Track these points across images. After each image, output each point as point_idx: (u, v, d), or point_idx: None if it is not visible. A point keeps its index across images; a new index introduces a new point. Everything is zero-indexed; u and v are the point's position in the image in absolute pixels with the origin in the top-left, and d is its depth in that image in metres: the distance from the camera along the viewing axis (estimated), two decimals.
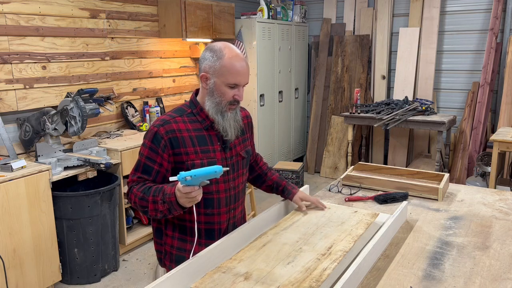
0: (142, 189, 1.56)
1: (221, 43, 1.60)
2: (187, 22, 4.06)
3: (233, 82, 1.57)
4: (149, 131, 1.61)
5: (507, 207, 1.96)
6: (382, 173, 2.41)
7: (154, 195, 1.51)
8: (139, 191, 1.56)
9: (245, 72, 1.59)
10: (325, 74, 5.56)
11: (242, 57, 1.59)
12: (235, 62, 1.56)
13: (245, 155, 1.76)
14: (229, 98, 1.60)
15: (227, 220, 1.70)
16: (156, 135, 1.58)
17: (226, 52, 1.57)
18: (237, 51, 1.60)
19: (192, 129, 1.62)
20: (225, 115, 1.62)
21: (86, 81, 3.58)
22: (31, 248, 2.70)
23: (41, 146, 2.93)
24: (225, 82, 1.57)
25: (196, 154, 1.60)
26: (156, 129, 1.59)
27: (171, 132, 1.59)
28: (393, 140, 5.18)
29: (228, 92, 1.59)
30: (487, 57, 4.51)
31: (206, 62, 1.59)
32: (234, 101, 1.61)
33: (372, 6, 5.26)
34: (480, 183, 4.06)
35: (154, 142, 1.58)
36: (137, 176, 1.60)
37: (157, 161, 1.58)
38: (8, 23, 3.02)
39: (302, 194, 1.84)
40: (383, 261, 1.48)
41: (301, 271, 1.35)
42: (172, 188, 1.46)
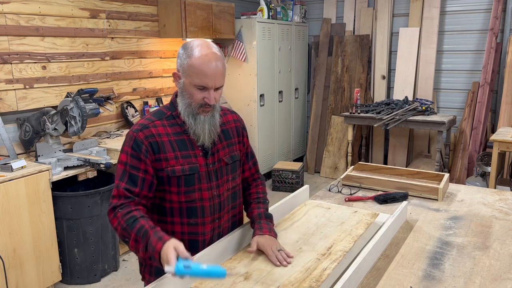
0: (126, 218, 1.39)
1: (197, 40, 1.48)
2: (187, 22, 4.06)
3: (200, 84, 1.43)
4: (128, 136, 1.49)
5: (507, 207, 1.96)
6: (382, 173, 2.41)
7: (137, 234, 1.35)
8: (123, 219, 1.39)
9: (214, 74, 1.43)
10: (325, 74, 5.56)
11: (215, 56, 1.44)
12: (204, 62, 1.42)
13: (229, 161, 1.59)
14: (199, 101, 1.46)
15: (211, 231, 1.55)
16: (136, 141, 1.46)
17: (197, 51, 1.43)
18: (212, 49, 1.45)
19: (172, 133, 1.50)
20: (198, 118, 1.48)
21: (86, 81, 3.58)
22: (31, 248, 2.70)
23: (41, 146, 2.93)
24: (192, 83, 1.44)
25: (177, 159, 1.48)
26: (135, 134, 1.47)
27: (151, 137, 1.47)
28: (393, 140, 5.18)
29: (196, 94, 1.46)
30: (487, 57, 4.51)
31: (178, 60, 1.49)
32: (205, 104, 1.47)
33: (372, 6, 5.26)
34: (480, 183, 4.06)
35: (135, 149, 1.46)
36: (122, 187, 1.43)
37: (141, 168, 1.45)
38: (8, 23, 3.02)
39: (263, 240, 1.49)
40: (383, 261, 1.48)
41: (301, 271, 1.35)
42: (158, 243, 1.29)
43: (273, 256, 1.43)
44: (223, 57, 1.48)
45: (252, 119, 4.88)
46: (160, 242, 1.29)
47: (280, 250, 1.45)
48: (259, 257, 1.44)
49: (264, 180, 1.79)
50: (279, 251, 1.44)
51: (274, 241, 1.49)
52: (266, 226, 1.55)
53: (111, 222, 1.43)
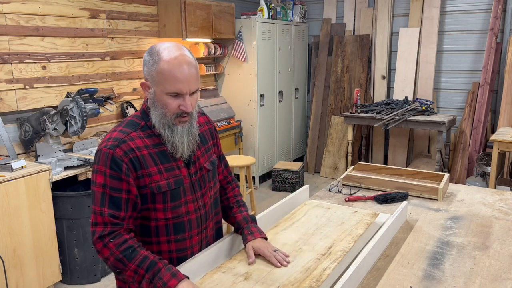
0: (122, 249, 1.26)
1: (163, 44, 1.33)
2: (187, 22, 4.06)
3: (173, 90, 1.29)
4: (102, 154, 1.31)
5: (507, 207, 1.96)
6: (382, 173, 2.41)
7: (139, 266, 1.24)
8: (118, 250, 1.26)
9: (188, 78, 1.30)
10: (325, 74, 5.56)
11: (186, 59, 1.31)
12: (174, 66, 1.28)
13: (211, 167, 1.50)
14: (174, 110, 1.32)
15: (199, 242, 1.46)
16: (113, 159, 1.29)
17: (164, 55, 1.29)
18: (181, 51, 1.32)
19: (151, 145, 1.36)
20: (174, 129, 1.34)
21: (86, 81, 3.58)
22: (31, 248, 2.70)
23: (41, 146, 2.93)
24: (165, 91, 1.30)
25: (161, 173, 1.35)
26: (111, 151, 1.29)
27: (130, 152, 1.31)
28: (393, 140, 5.18)
29: (170, 103, 1.31)
30: (487, 57, 4.51)
31: (145, 68, 1.34)
32: (182, 112, 1.33)
33: (372, 6, 5.26)
34: (480, 183, 4.06)
35: (114, 168, 1.29)
36: (106, 214, 1.28)
37: (123, 189, 1.30)
38: (8, 23, 3.02)
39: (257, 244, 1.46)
40: (383, 261, 1.48)
41: (301, 271, 1.35)
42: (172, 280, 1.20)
43: (272, 257, 1.40)
44: (194, 58, 1.35)
45: (252, 119, 4.88)
46: (174, 279, 1.21)
47: (276, 250, 1.44)
48: (259, 257, 1.44)
49: (237, 181, 1.72)
50: (275, 251, 1.43)
51: (267, 243, 1.47)
52: (256, 229, 1.51)
53: (101, 252, 1.28)
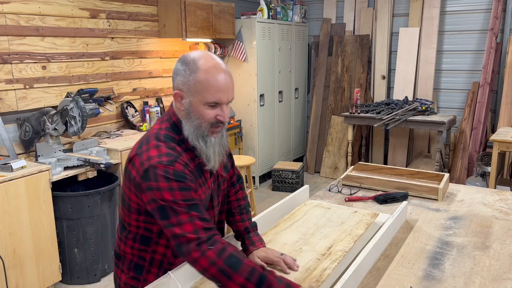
0: (224, 258, 1.15)
1: (196, 52, 1.31)
2: (187, 22, 4.06)
3: (213, 100, 1.27)
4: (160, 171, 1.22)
5: (507, 207, 1.96)
6: (382, 173, 2.41)
7: (248, 280, 1.13)
8: (220, 259, 1.15)
9: (227, 87, 1.28)
10: (325, 74, 5.56)
11: (223, 67, 1.29)
12: (214, 75, 1.26)
13: (224, 174, 1.49)
14: (210, 120, 1.29)
15: None
16: (176, 174, 1.23)
17: (201, 63, 1.26)
18: (216, 60, 1.30)
19: (190, 159, 1.33)
20: (208, 140, 1.31)
21: (86, 81, 3.58)
22: (31, 248, 2.70)
23: (41, 146, 2.93)
24: (203, 101, 1.27)
25: (201, 187, 1.34)
26: (171, 167, 1.23)
27: (186, 166, 1.27)
28: (393, 140, 5.18)
29: (208, 113, 1.28)
30: (487, 57, 4.51)
31: (179, 78, 1.29)
32: (217, 122, 1.30)
33: (372, 6, 5.26)
34: (480, 183, 4.06)
35: (180, 180, 1.22)
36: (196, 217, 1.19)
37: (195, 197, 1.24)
38: (8, 23, 3.02)
39: (261, 253, 1.43)
40: (383, 261, 1.48)
41: (301, 271, 1.35)
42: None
43: (281, 262, 1.37)
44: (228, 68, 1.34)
45: (252, 119, 4.88)
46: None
47: (282, 254, 1.43)
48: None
49: (243, 180, 1.67)
50: (282, 255, 1.42)
51: (272, 250, 1.46)
52: (257, 238, 1.49)
53: (198, 262, 1.16)
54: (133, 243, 1.38)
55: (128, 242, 1.38)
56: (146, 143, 1.30)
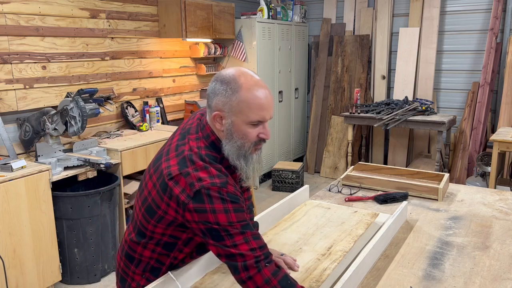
0: (280, 278, 1.16)
1: (233, 70, 1.27)
2: (187, 22, 4.06)
3: (257, 119, 1.24)
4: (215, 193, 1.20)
5: (507, 207, 1.96)
6: (382, 173, 2.41)
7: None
8: (275, 279, 1.15)
9: (269, 104, 1.26)
10: (325, 74, 5.56)
11: (263, 84, 1.27)
12: (257, 93, 1.23)
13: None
14: (254, 139, 1.27)
15: None
16: (230, 195, 1.22)
17: (242, 82, 1.23)
18: (256, 77, 1.26)
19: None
20: (249, 158, 1.29)
21: (86, 81, 3.58)
22: (31, 248, 2.70)
23: (41, 146, 2.93)
24: (247, 121, 1.24)
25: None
26: (224, 189, 1.21)
27: (236, 187, 1.26)
28: (393, 140, 5.18)
29: (251, 132, 1.26)
30: (487, 57, 4.51)
31: (219, 98, 1.25)
32: (259, 140, 1.29)
33: (372, 6, 5.26)
34: (480, 183, 4.06)
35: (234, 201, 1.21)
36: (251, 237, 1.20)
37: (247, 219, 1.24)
38: (8, 23, 3.02)
39: None
40: (383, 261, 1.48)
41: (301, 271, 1.35)
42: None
43: (281, 262, 1.36)
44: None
45: None
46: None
47: (283, 255, 1.42)
48: None
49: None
50: (283, 255, 1.42)
51: (272, 250, 1.44)
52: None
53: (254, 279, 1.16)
54: (155, 247, 1.35)
55: (149, 246, 1.35)
56: (192, 164, 1.24)
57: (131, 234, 1.40)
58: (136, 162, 3.31)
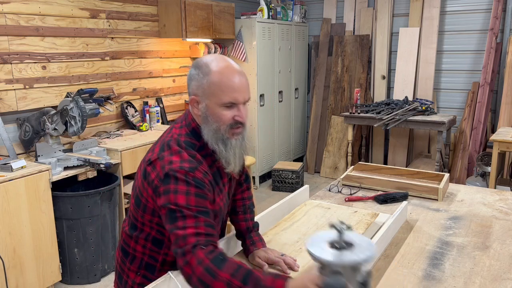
0: (212, 257, 1.11)
1: (209, 56, 1.31)
2: (187, 22, 4.06)
3: (228, 100, 1.26)
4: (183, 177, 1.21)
5: (507, 207, 1.96)
6: (382, 173, 2.41)
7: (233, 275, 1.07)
8: (208, 258, 1.11)
9: (242, 86, 1.27)
10: (325, 74, 5.56)
11: (236, 68, 1.29)
12: (227, 75, 1.25)
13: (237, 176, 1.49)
14: (228, 121, 1.28)
15: None
16: (196, 180, 1.22)
17: (213, 65, 1.26)
18: (229, 61, 1.30)
19: (209, 165, 1.33)
20: (228, 143, 1.30)
21: (86, 81, 3.58)
22: (31, 248, 2.70)
23: (41, 146, 2.93)
24: (219, 103, 1.26)
25: (218, 195, 1.34)
26: (192, 174, 1.22)
27: (206, 175, 1.27)
28: (393, 140, 5.18)
29: (225, 114, 1.27)
30: (487, 57, 4.51)
31: (193, 83, 1.29)
32: (235, 123, 1.29)
33: (372, 6, 5.26)
34: (480, 183, 4.06)
35: (199, 186, 1.22)
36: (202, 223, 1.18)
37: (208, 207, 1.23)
38: (8, 23, 3.02)
39: (262, 253, 1.42)
40: (383, 261, 1.48)
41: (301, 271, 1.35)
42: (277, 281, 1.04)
43: (281, 262, 1.37)
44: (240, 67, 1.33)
45: (252, 119, 4.88)
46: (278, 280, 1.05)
47: (283, 255, 1.43)
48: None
49: (250, 179, 1.67)
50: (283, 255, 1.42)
51: (272, 250, 1.46)
52: (258, 238, 1.48)
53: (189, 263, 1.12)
54: (145, 242, 1.37)
55: (140, 241, 1.38)
56: (168, 148, 1.28)
57: (126, 227, 1.45)
58: (136, 162, 3.31)
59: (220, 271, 1.07)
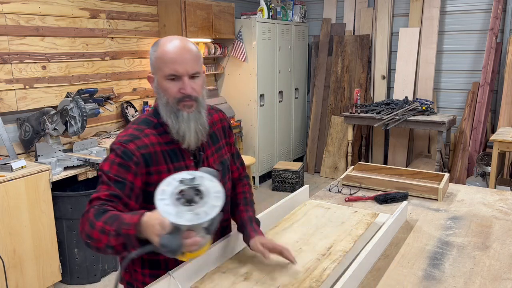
0: (96, 211, 1.19)
1: (168, 37, 1.35)
2: (187, 22, 4.06)
3: (169, 72, 1.28)
4: (114, 148, 1.30)
5: (507, 207, 1.96)
6: (382, 173, 2.41)
7: (105, 223, 1.15)
8: (93, 214, 1.19)
9: (183, 58, 1.29)
10: (325, 74, 5.56)
11: (183, 42, 1.31)
12: (170, 49, 1.29)
13: (220, 168, 1.46)
14: (174, 94, 1.30)
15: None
16: (125, 151, 1.28)
17: (161, 42, 1.32)
18: (178, 38, 1.32)
19: (163, 143, 1.35)
20: (179, 115, 1.31)
21: (86, 81, 3.58)
22: (31, 248, 2.70)
23: (41, 146, 2.93)
24: (163, 75, 1.30)
25: (169, 172, 1.32)
26: (124, 145, 1.29)
27: (143, 147, 1.30)
28: (393, 140, 5.18)
29: (171, 87, 1.30)
30: (487, 57, 4.51)
31: (150, 61, 1.36)
32: (184, 97, 1.30)
33: (372, 6, 5.26)
34: (480, 183, 4.06)
35: (123, 158, 1.27)
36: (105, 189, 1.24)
37: (128, 179, 1.27)
38: (8, 23, 3.02)
39: (263, 239, 1.41)
40: (383, 261, 1.48)
41: (301, 271, 1.35)
42: (134, 217, 1.11)
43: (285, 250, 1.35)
44: (194, 45, 1.34)
45: (252, 119, 4.88)
46: (135, 216, 1.12)
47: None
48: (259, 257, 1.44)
49: (249, 180, 1.69)
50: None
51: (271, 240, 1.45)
52: (259, 229, 1.48)
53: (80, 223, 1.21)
54: None
55: None
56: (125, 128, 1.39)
57: None
58: None
59: (97, 221, 1.16)
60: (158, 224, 1.05)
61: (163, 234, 1.03)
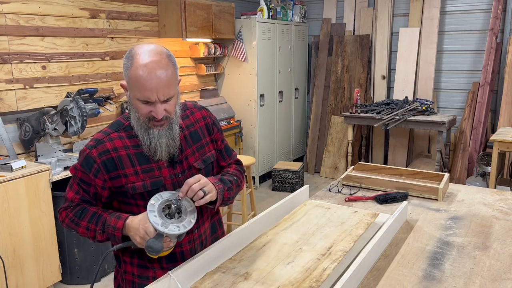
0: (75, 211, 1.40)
1: (140, 47, 1.31)
2: (187, 22, 4.06)
3: (141, 98, 1.28)
4: (81, 152, 1.40)
5: (507, 207, 1.96)
6: (382, 173, 2.41)
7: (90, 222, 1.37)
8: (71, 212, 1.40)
9: (155, 87, 1.26)
10: (325, 74, 5.56)
11: (157, 65, 1.26)
12: (143, 74, 1.25)
13: (201, 166, 1.46)
14: (146, 115, 1.32)
15: (190, 242, 1.46)
16: (87, 158, 1.36)
17: (136, 60, 1.27)
18: (154, 57, 1.27)
19: (131, 146, 1.37)
20: (150, 132, 1.34)
21: (86, 81, 3.58)
22: (31, 248, 2.70)
23: (41, 146, 2.93)
24: (135, 97, 1.30)
25: (137, 174, 1.36)
26: (88, 151, 1.37)
27: (105, 154, 1.35)
28: (393, 140, 5.18)
29: (142, 108, 1.31)
30: (487, 57, 4.51)
31: (123, 71, 1.33)
32: (154, 118, 1.31)
33: (372, 6, 5.26)
34: (480, 183, 4.06)
35: (84, 166, 1.36)
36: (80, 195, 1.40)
37: (91, 184, 1.38)
38: (8, 23, 3.02)
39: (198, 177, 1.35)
40: (383, 261, 1.48)
41: (301, 271, 1.35)
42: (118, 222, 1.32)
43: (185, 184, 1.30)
44: (171, 63, 1.30)
45: (252, 119, 4.88)
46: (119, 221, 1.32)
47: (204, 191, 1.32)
48: (259, 257, 1.44)
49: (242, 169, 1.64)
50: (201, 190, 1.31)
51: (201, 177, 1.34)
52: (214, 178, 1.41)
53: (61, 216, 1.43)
54: None
55: None
56: None
57: None
58: None
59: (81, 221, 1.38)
60: (142, 229, 1.26)
61: (148, 238, 1.26)
